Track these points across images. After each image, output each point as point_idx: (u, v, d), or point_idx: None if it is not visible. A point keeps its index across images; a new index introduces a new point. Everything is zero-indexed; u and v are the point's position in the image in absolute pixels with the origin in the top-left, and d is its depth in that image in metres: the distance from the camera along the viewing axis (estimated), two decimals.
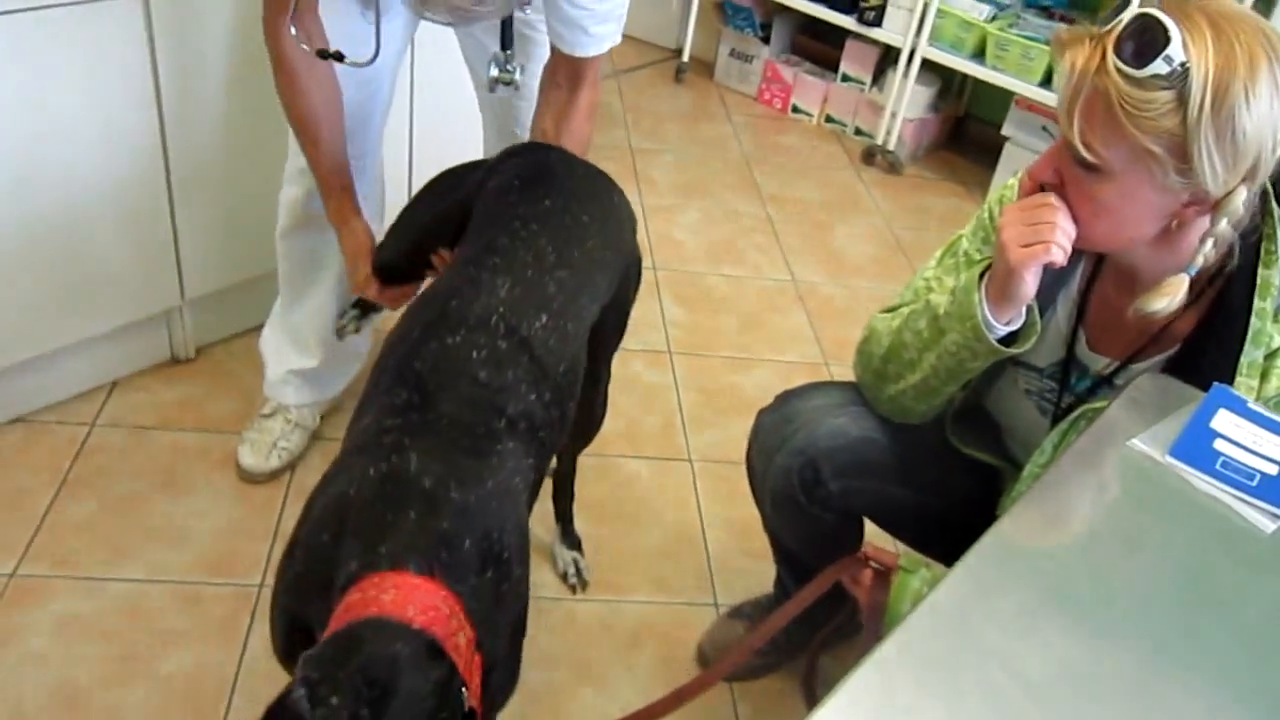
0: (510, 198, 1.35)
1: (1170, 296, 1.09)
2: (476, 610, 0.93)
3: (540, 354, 1.16)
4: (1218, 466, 0.96)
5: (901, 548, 1.50)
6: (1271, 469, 0.97)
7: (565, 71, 1.55)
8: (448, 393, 1.07)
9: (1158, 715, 0.73)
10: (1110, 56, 1.00)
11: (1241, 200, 1.05)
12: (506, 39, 1.58)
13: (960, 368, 1.24)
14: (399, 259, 1.55)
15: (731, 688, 1.71)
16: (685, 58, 3.90)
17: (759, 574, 1.82)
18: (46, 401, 1.98)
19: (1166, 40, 0.96)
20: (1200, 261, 1.10)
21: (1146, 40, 0.98)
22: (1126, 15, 1.00)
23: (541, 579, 1.83)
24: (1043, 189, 1.12)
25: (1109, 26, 1.02)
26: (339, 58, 1.39)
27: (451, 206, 1.44)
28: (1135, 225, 1.09)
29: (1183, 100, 0.97)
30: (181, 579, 1.73)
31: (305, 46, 1.33)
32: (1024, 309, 1.19)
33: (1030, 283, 1.13)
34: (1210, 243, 1.09)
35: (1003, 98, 3.28)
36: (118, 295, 1.95)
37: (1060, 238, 1.10)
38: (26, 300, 1.82)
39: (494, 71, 1.60)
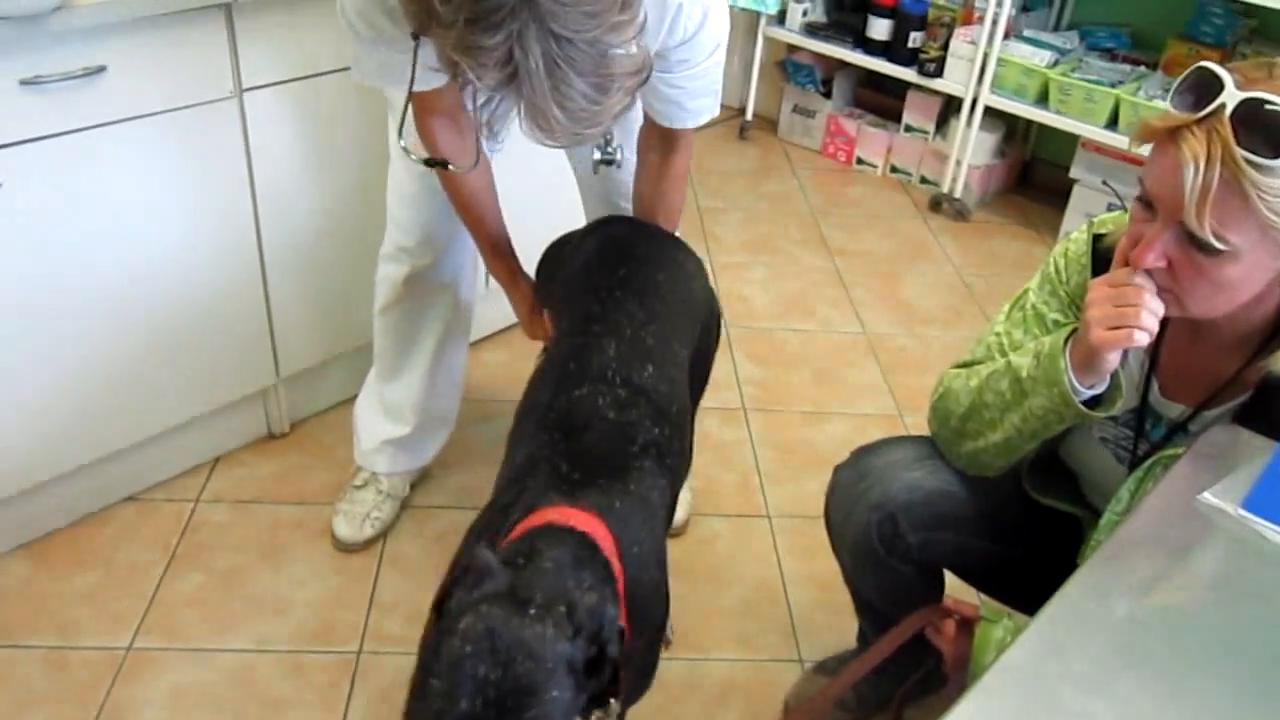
0: (591, 272, 1.48)
1: None
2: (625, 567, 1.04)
3: (654, 397, 1.29)
4: None
5: (983, 598, 1.51)
6: None
7: (659, 138, 1.61)
8: (585, 430, 1.21)
9: None
10: (1234, 147, 0.99)
11: None
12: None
13: (1044, 429, 1.26)
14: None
15: None
16: (749, 115, 3.98)
17: (842, 629, 1.83)
18: (155, 480, 2.10)
19: None
20: None
21: (1271, 128, 0.98)
22: (1228, 99, 1.00)
23: None
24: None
25: (1209, 110, 1.01)
26: (444, 164, 1.49)
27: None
28: (1247, 292, 1.10)
29: None
30: (285, 648, 1.81)
31: (413, 157, 1.44)
32: (1108, 376, 1.21)
33: (1114, 360, 1.16)
34: None
35: (1068, 140, 3.29)
36: (218, 376, 2.06)
37: (1148, 321, 1.11)
38: (139, 386, 1.94)
39: (597, 155, 1.70)
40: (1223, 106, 1.00)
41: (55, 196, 1.70)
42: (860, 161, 3.80)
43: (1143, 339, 1.11)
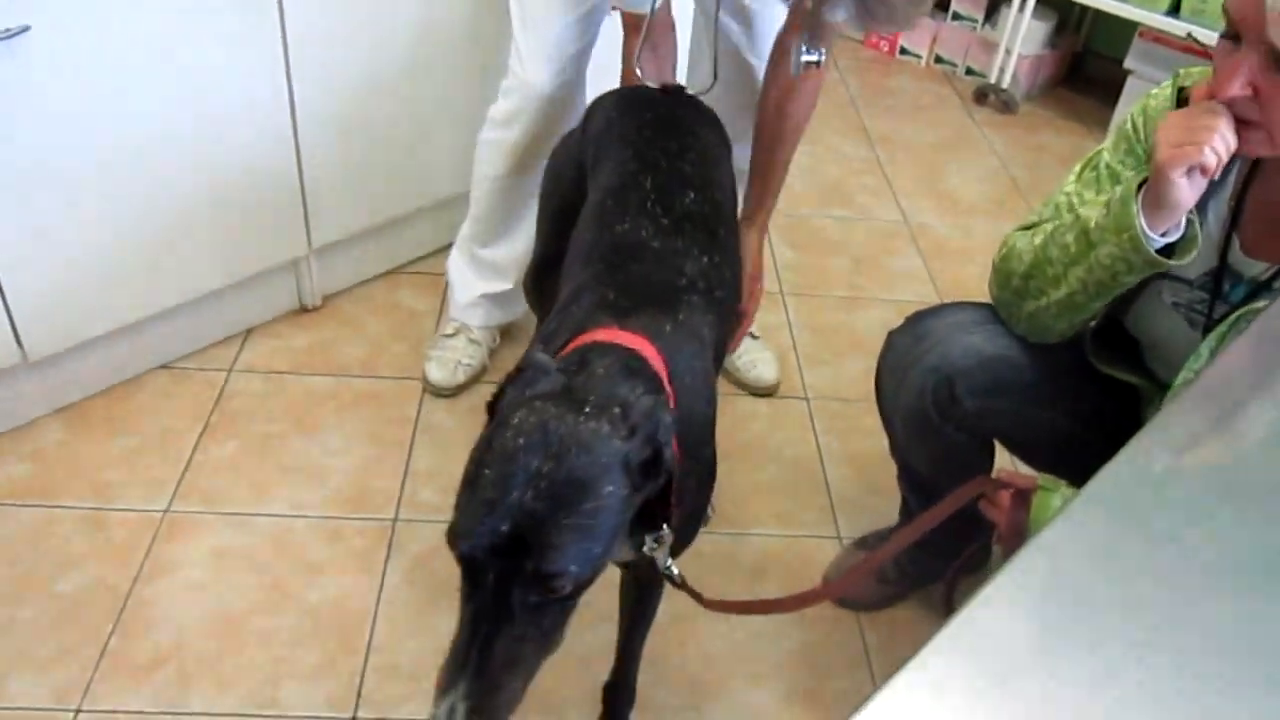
0: (614, 125, 1.44)
1: None
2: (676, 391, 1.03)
3: (699, 222, 1.26)
4: None
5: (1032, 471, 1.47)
6: None
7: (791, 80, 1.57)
8: (633, 260, 1.19)
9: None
10: None
11: None
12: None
13: (1112, 281, 1.21)
14: (552, 250, 1.56)
15: (859, 618, 1.71)
16: None
17: (881, 509, 1.81)
18: (188, 349, 2.08)
19: None
20: None
21: None
22: None
23: None
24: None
25: None
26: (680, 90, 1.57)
27: (568, 182, 1.50)
28: None
29: None
30: (322, 514, 1.80)
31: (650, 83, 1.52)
32: (1183, 220, 1.15)
33: (1181, 186, 1.10)
34: None
35: (1125, 30, 3.15)
36: (249, 244, 2.02)
37: (1217, 143, 1.06)
38: (168, 249, 1.90)
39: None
40: None
41: (85, 45, 1.63)
42: (904, 51, 3.67)
43: (1210, 158, 1.06)
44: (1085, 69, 3.60)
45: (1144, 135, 1.27)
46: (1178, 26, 2.89)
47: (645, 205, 1.26)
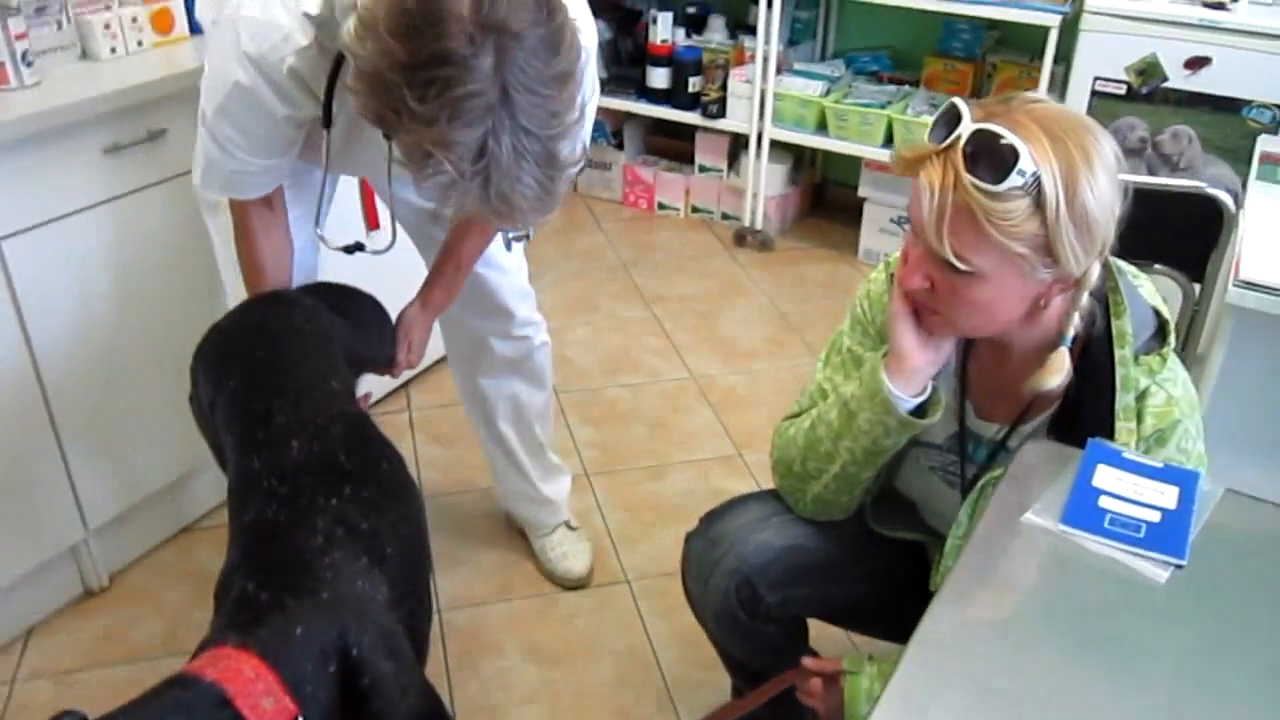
0: (209, 396, 1.43)
1: (1059, 372, 1.18)
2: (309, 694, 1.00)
3: (315, 465, 1.23)
4: (1106, 525, 1.02)
5: (842, 647, 1.53)
6: (1155, 516, 1.04)
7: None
8: (268, 542, 1.16)
9: None
10: (965, 175, 1.05)
11: (1096, 273, 1.14)
12: None
13: (875, 447, 1.30)
14: None
15: None
16: None
17: (716, 684, 1.83)
18: None
19: (1015, 156, 1.03)
20: (1071, 332, 1.19)
21: (997, 158, 1.04)
22: (963, 130, 1.06)
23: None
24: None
25: (948, 142, 1.07)
26: (360, 247, 1.51)
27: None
28: (1008, 312, 1.16)
29: (1040, 205, 1.05)
30: None
31: (325, 243, 1.48)
32: (928, 387, 1.26)
33: (906, 336, 1.22)
34: (1077, 315, 1.18)
35: (853, 161, 3.45)
36: (21, 541, 1.90)
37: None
38: None
39: (511, 232, 1.67)
40: (959, 137, 1.07)
41: None
42: (662, 206, 3.87)
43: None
44: (827, 198, 3.90)
45: (872, 316, 1.39)
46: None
47: (260, 484, 1.22)
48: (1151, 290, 1.28)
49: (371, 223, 2.18)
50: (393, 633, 1.14)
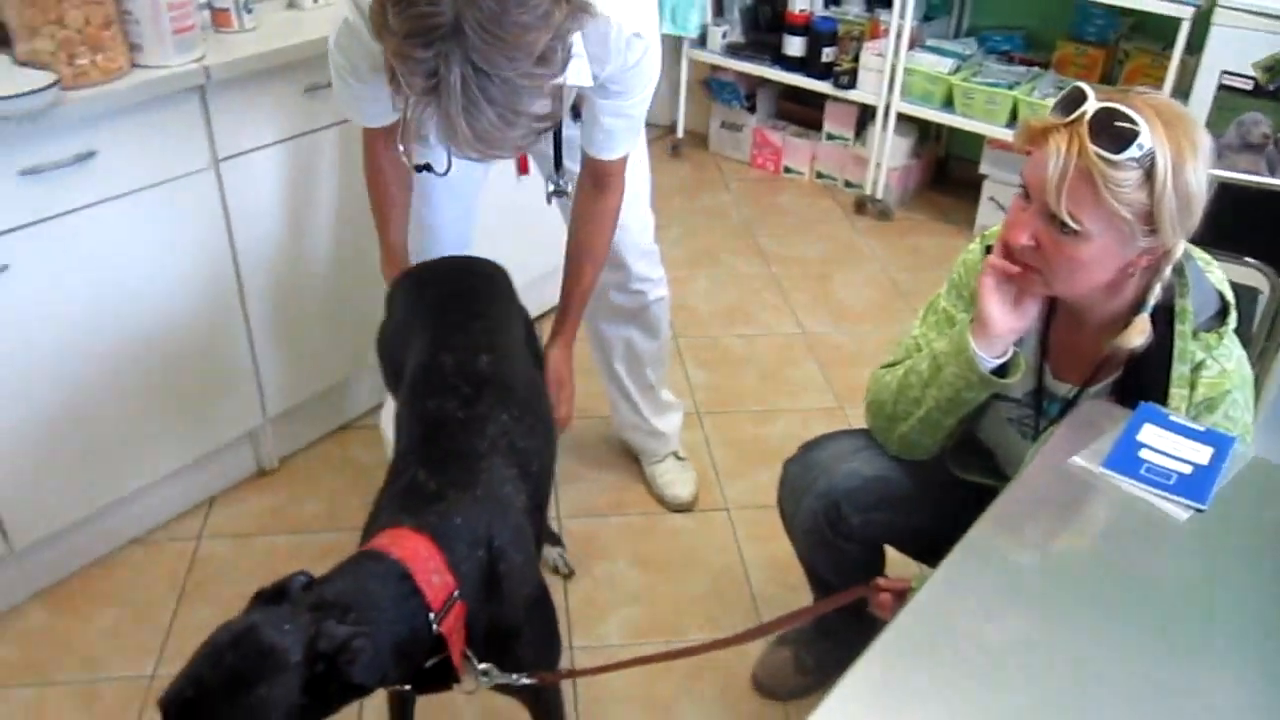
0: (413, 306, 1.69)
1: (1142, 333, 1.35)
2: (464, 572, 1.22)
3: (497, 384, 1.47)
4: (1142, 471, 1.20)
5: (920, 568, 1.73)
6: (1187, 469, 1.20)
7: (590, 175, 1.80)
8: (440, 432, 1.40)
9: (1092, 674, 0.96)
10: (1089, 144, 1.23)
11: (1180, 250, 1.32)
12: (558, 156, 1.87)
13: (958, 398, 1.49)
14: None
15: (786, 708, 1.94)
16: (680, 133, 4.20)
17: (798, 603, 2.04)
18: (158, 522, 2.26)
19: (1134, 132, 1.21)
20: (1152, 301, 1.36)
21: (1117, 132, 1.22)
22: (1089, 108, 1.24)
23: (604, 631, 2.07)
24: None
25: (1074, 116, 1.25)
26: (427, 168, 1.68)
27: (393, 361, 1.73)
28: (1101, 274, 1.33)
29: (1150, 177, 1.23)
30: None
31: (405, 159, 1.61)
32: (1010, 350, 1.44)
33: (993, 305, 1.39)
34: (1159, 285, 1.35)
35: (976, 138, 3.55)
36: (210, 422, 2.24)
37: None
38: (138, 437, 2.11)
39: (551, 186, 1.90)
40: (1084, 113, 1.25)
41: (56, 273, 1.86)
42: (788, 170, 4.04)
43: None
44: (949, 173, 4.00)
45: (967, 280, 1.57)
46: None
47: (446, 379, 1.45)
48: (1220, 276, 1.43)
49: (522, 167, 2.42)
50: (525, 532, 1.38)
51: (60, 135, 1.78)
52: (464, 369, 1.48)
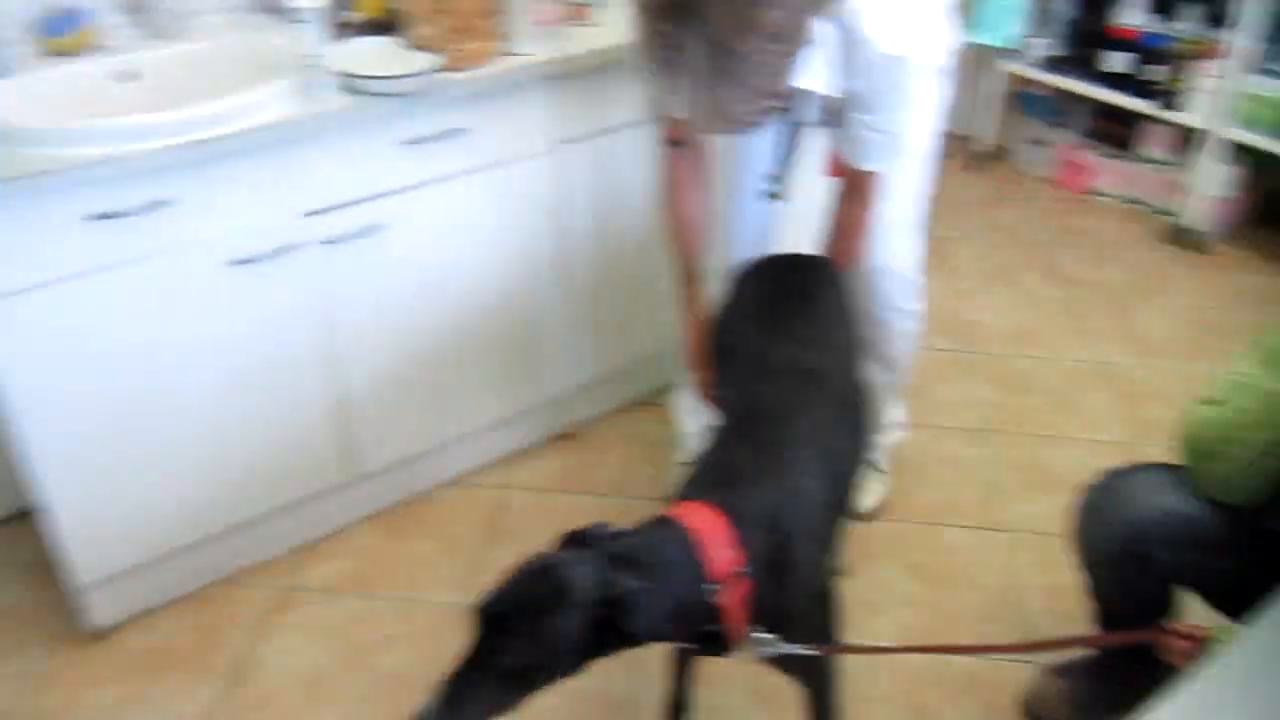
0: (747, 294, 1.78)
1: None
2: (753, 551, 1.29)
3: (818, 381, 1.54)
4: None
5: (1208, 616, 1.66)
6: None
7: (846, 181, 1.84)
8: (756, 420, 1.49)
9: None
10: None
11: None
12: (786, 154, 1.92)
13: None
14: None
15: None
16: (982, 145, 4.11)
17: None
18: (470, 467, 2.51)
19: None
20: None
21: None
22: None
23: (876, 630, 2.11)
24: None
25: None
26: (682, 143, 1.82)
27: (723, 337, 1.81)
28: None
29: None
30: None
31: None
32: None
33: None
34: None
35: None
36: (531, 385, 2.47)
37: None
38: (460, 389, 2.36)
39: (767, 185, 1.95)
40: None
41: (423, 236, 2.12)
42: (1095, 192, 3.87)
43: None
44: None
45: None
46: None
47: (773, 369, 1.53)
48: None
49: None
50: (817, 525, 1.44)
51: (439, 111, 2.02)
52: (792, 360, 1.56)
